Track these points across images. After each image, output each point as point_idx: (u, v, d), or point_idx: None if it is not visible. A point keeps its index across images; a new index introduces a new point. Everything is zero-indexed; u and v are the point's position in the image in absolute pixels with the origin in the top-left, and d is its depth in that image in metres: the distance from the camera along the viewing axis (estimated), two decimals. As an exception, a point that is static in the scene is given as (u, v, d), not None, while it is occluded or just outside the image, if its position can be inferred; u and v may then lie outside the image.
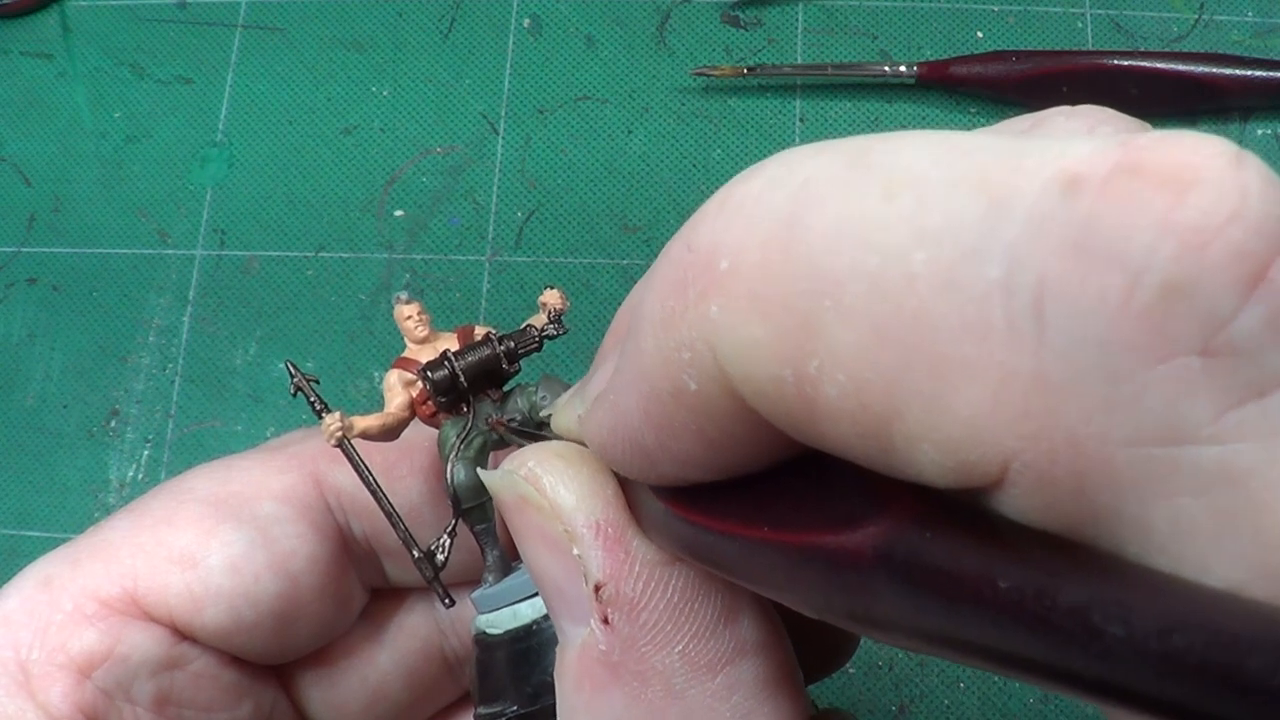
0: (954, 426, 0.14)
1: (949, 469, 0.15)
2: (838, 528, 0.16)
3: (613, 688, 0.22)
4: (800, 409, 0.16)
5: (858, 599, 0.15)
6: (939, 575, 0.14)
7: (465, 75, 0.67)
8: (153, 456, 0.62)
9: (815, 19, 0.67)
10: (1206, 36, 0.65)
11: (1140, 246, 0.13)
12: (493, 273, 0.63)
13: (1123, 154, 0.13)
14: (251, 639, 0.33)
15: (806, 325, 0.15)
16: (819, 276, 0.15)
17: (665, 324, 0.17)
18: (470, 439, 0.31)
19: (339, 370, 0.62)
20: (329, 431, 0.30)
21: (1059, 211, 0.13)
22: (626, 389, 0.19)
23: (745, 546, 0.18)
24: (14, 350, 0.64)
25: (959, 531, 0.14)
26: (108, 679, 0.30)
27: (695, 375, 0.17)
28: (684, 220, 0.18)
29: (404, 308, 0.32)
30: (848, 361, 0.15)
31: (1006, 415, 0.14)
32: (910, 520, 0.15)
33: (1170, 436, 0.13)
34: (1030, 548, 0.14)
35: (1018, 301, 0.13)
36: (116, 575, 0.31)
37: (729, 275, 0.16)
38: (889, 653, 0.55)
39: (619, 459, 0.21)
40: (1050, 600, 0.13)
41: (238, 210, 0.66)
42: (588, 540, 0.22)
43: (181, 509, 0.33)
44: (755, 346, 0.16)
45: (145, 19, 0.70)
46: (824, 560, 0.16)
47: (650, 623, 0.21)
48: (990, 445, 0.14)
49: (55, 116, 0.69)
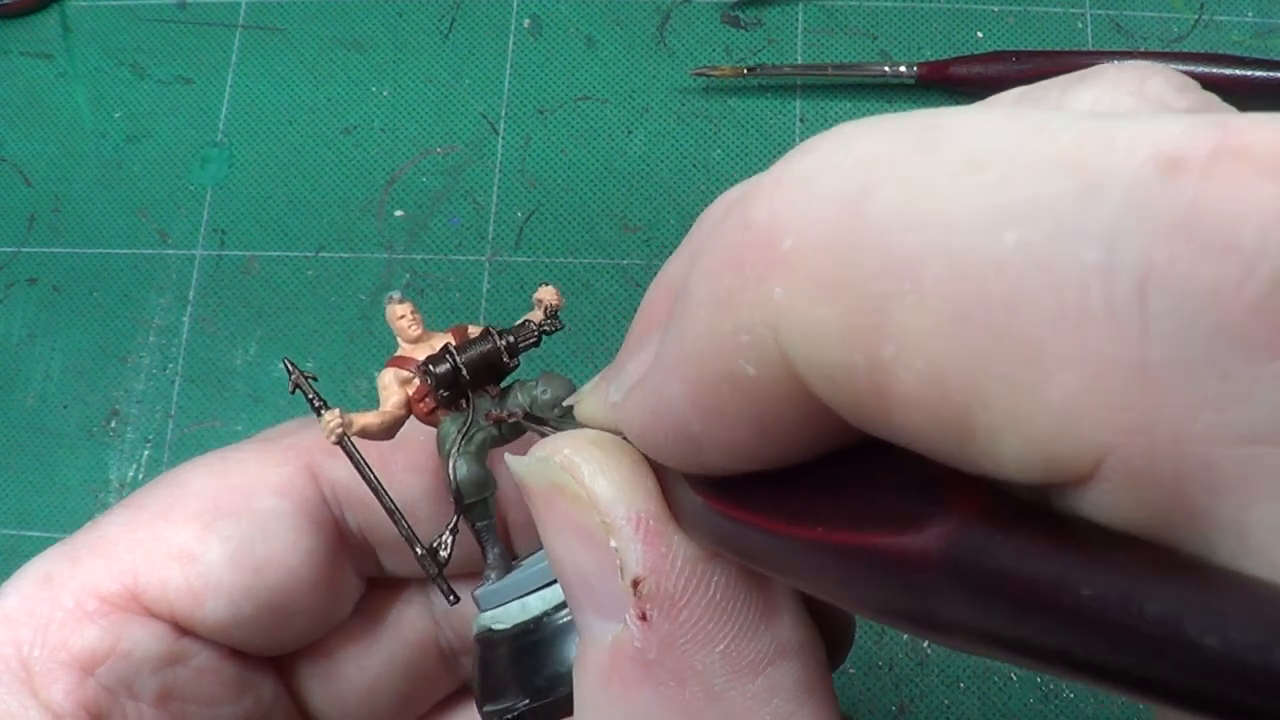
0: (1045, 417, 0.13)
1: (1036, 463, 0.14)
2: (897, 527, 0.15)
3: (645, 687, 0.21)
4: (870, 396, 0.15)
5: (920, 602, 0.15)
6: (1013, 580, 0.13)
7: (465, 75, 0.67)
8: (153, 456, 0.62)
9: (815, 19, 0.67)
10: (1206, 36, 0.65)
11: (1254, 234, 0.12)
12: (493, 273, 0.63)
13: (1224, 136, 0.13)
14: (251, 632, 0.33)
15: (881, 308, 0.14)
16: (894, 256, 0.14)
17: (720, 306, 0.17)
18: (471, 434, 0.31)
19: (339, 370, 0.62)
20: (329, 429, 0.30)
21: (1160, 194, 0.13)
22: (672, 373, 0.18)
23: (793, 545, 0.17)
24: (14, 350, 0.64)
25: (1031, 531, 0.14)
26: (110, 676, 0.30)
27: (754, 359, 0.16)
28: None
29: (397, 307, 0.32)
30: (928, 347, 0.14)
31: (1104, 407, 0.13)
32: (978, 519, 0.14)
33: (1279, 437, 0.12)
34: (1112, 550, 0.13)
35: (1119, 286, 0.13)
36: (116, 572, 0.31)
37: (794, 255, 0.15)
38: (889, 652, 0.55)
39: (659, 446, 0.20)
40: (1138, 608, 0.12)
41: (238, 210, 0.66)
42: (627, 533, 0.21)
43: (179, 504, 0.33)
44: (824, 330, 0.15)
45: (145, 19, 0.70)
46: (883, 561, 0.15)
47: (691, 621, 0.21)
48: (1084, 439, 0.13)
49: (55, 116, 0.69)
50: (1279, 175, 0.12)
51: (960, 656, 0.54)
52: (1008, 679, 0.54)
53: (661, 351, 0.19)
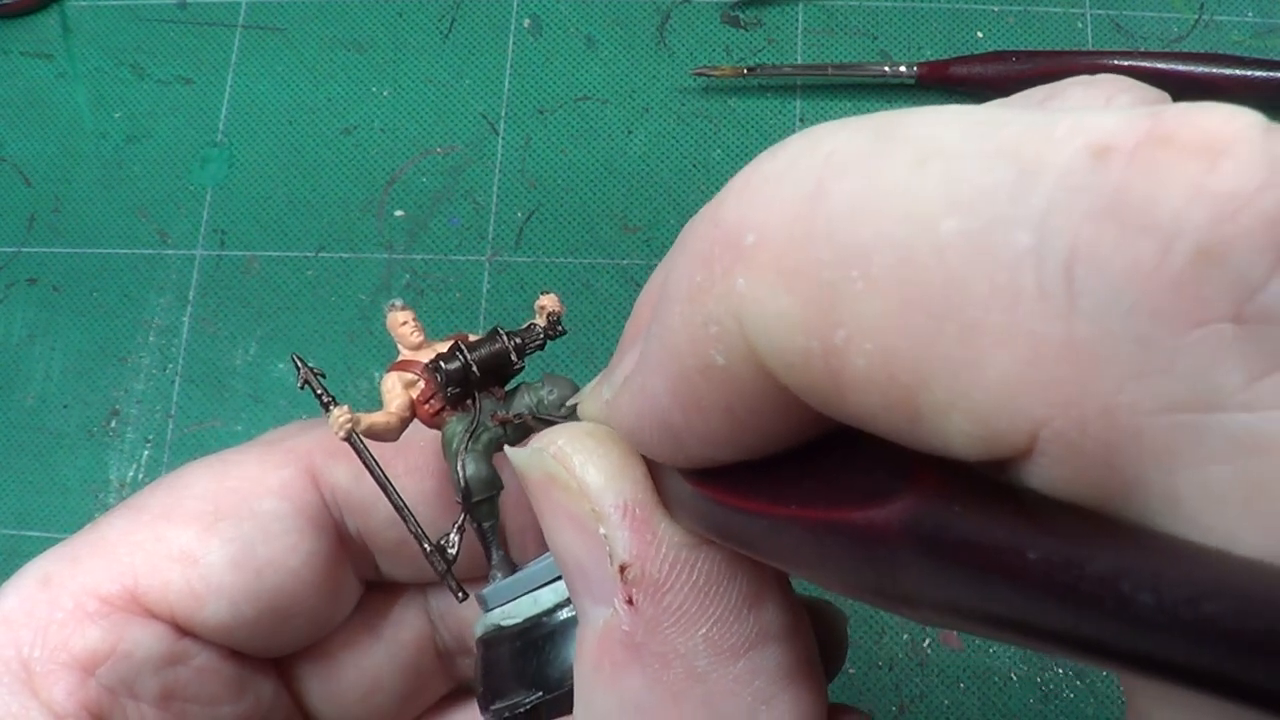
0: (983, 394, 0.14)
1: (977, 439, 0.15)
2: (865, 503, 0.16)
3: (633, 668, 0.22)
4: (827, 381, 0.16)
5: (886, 574, 0.15)
6: (966, 548, 0.14)
7: (465, 75, 0.67)
8: (153, 457, 0.62)
9: (815, 19, 0.67)
10: (1206, 36, 0.65)
11: (1172, 213, 0.13)
12: (493, 273, 0.63)
13: (1154, 124, 0.13)
14: (252, 633, 0.33)
15: (833, 296, 0.15)
16: (845, 246, 0.15)
17: (692, 299, 0.17)
18: (478, 434, 0.31)
19: (339, 370, 0.62)
20: (338, 424, 0.30)
21: (1090, 179, 0.13)
22: (654, 368, 0.19)
23: (773, 525, 0.18)
24: (14, 350, 0.64)
25: (985, 504, 0.14)
26: (111, 676, 0.30)
27: (723, 350, 0.17)
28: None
29: (399, 314, 0.32)
30: (875, 331, 0.15)
31: (1036, 382, 0.14)
32: (936, 494, 0.15)
33: (1201, 404, 0.13)
34: (1057, 518, 0.14)
35: (1049, 268, 0.13)
36: (116, 573, 0.31)
37: (755, 248, 0.16)
38: (889, 652, 0.55)
39: (647, 441, 0.21)
40: (1079, 570, 0.13)
41: (238, 210, 0.66)
42: (615, 520, 0.22)
43: (179, 505, 0.33)
44: (782, 318, 0.16)
45: (145, 19, 0.70)
46: (851, 536, 0.16)
47: (675, 605, 0.21)
48: (1020, 413, 0.14)
49: (55, 116, 0.69)
50: (1201, 157, 0.13)
51: (960, 656, 0.54)
52: (1008, 679, 0.54)
53: (644, 349, 0.20)
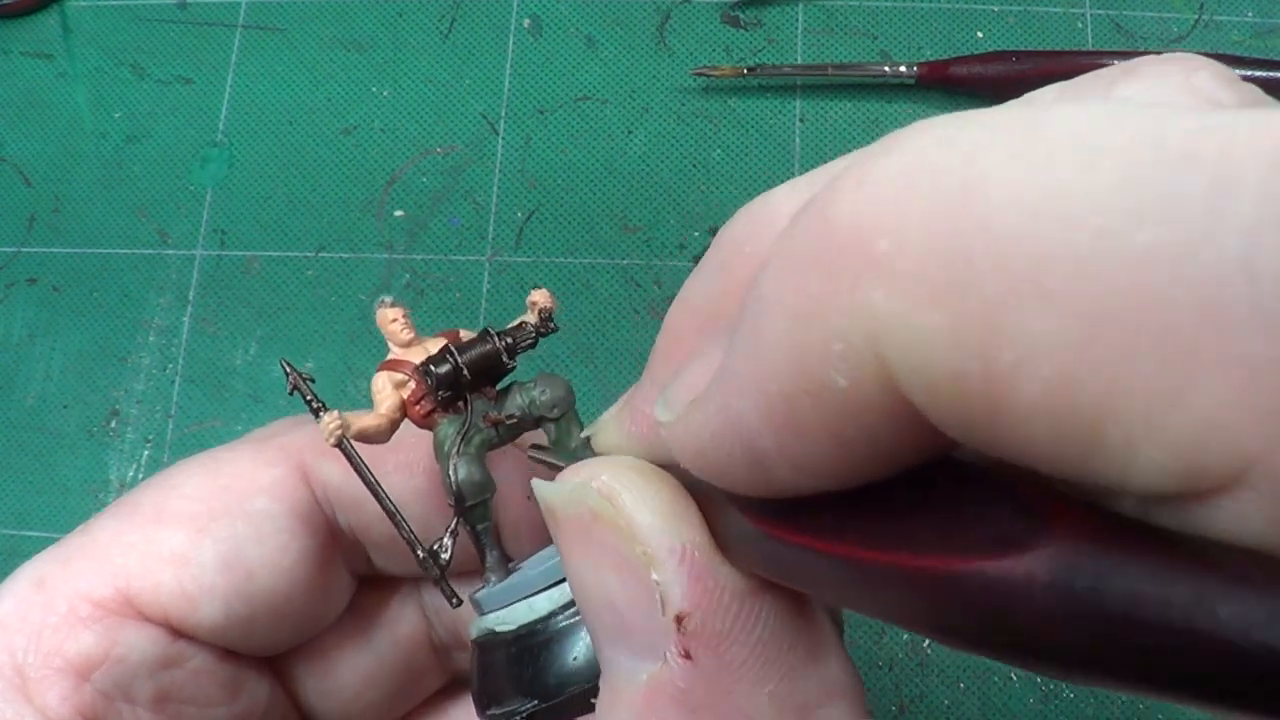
0: (1188, 425, 0.13)
1: (1171, 474, 0.13)
2: (995, 551, 0.14)
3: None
4: (983, 408, 0.14)
5: (1019, 631, 0.14)
6: (1135, 602, 0.12)
7: (465, 75, 0.67)
8: (153, 457, 0.62)
9: (815, 19, 0.67)
10: (1206, 36, 0.65)
11: None
12: (493, 273, 0.63)
13: None
14: (246, 633, 0.33)
15: (998, 313, 0.13)
16: (1010, 256, 0.13)
17: (804, 314, 0.15)
18: (469, 436, 0.31)
19: (339, 370, 0.62)
20: (328, 430, 0.30)
21: None
22: (743, 387, 0.17)
23: (864, 570, 0.16)
24: (14, 350, 0.64)
25: (1148, 550, 0.13)
26: (106, 681, 0.30)
27: (847, 370, 0.15)
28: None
29: (389, 311, 0.32)
30: (1054, 354, 0.13)
31: (1254, 412, 0.12)
32: (1088, 540, 0.13)
33: None
34: (1247, 567, 0.12)
35: (1265, 285, 0.12)
36: (109, 575, 0.31)
37: (893, 256, 0.14)
38: (889, 652, 0.55)
39: (722, 466, 0.18)
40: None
41: (238, 210, 0.66)
42: (670, 565, 0.20)
43: (171, 506, 0.33)
44: (933, 337, 0.14)
45: (145, 19, 0.70)
46: (978, 588, 0.14)
47: (739, 659, 0.19)
48: (1230, 445, 0.12)
49: (55, 116, 0.69)
50: None
51: (960, 656, 0.54)
52: (1008, 679, 0.54)
53: (729, 365, 0.18)
